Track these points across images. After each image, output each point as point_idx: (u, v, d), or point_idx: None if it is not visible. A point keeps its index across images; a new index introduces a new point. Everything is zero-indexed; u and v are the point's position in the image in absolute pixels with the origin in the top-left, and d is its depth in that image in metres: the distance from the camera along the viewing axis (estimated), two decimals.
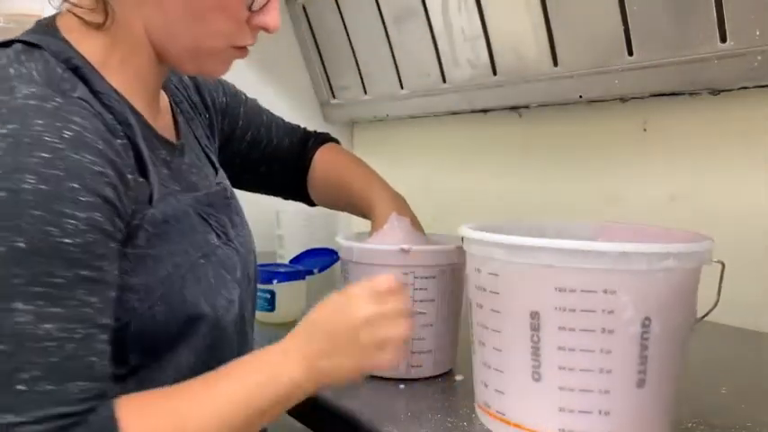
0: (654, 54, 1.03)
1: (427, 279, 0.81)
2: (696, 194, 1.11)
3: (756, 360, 0.95)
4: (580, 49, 1.12)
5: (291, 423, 0.85)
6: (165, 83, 0.77)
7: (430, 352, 0.82)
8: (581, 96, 1.16)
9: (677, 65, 1.01)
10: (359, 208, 0.95)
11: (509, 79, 1.26)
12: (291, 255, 1.36)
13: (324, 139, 1.04)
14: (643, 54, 1.04)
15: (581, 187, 1.26)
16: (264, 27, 0.68)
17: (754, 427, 0.69)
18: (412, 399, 0.76)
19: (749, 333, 1.04)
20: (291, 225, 1.46)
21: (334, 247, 1.26)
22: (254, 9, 0.66)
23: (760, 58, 0.92)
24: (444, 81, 1.39)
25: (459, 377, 0.84)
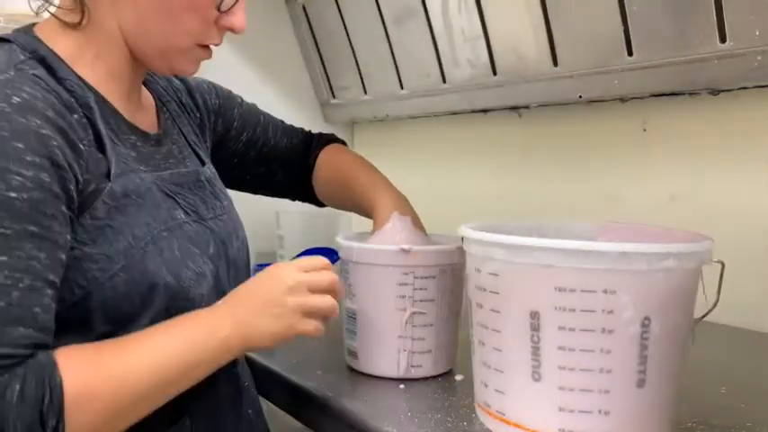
0: (654, 54, 1.03)
1: (427, 279, 0.81)
2: (696, 194, 1.11)
3: (756, 360, 0.95)
4: (580, 49, 1.12)
5: (292, 423, 0.85)
6: (152, 86, 0.84)
7: (430, 352, 0.82)
8: (581, 96, 1.16)
9: (677, 65, 1.01)
10: (362, 207, 0.95)
11: (509, 79, 1.26)
12: (291, 255, 1.36)
13: (329, 140, 1.04)
14: (643, 54, 1.04)
15: (581, 187, 1.26)
16: (231, 27, 0.73)
17: (754, 427, 0.69)
18: (412, 399, 0.76)
19: (749, 333, 1.03)
20: (291, 225, 1.46)
21: (335, 247, 1.26)
22: (223, 9, 0.71)
23: (760, 58, 0.92)
24: (444, 81, 1.38)
25: (459, 377, 0.84)
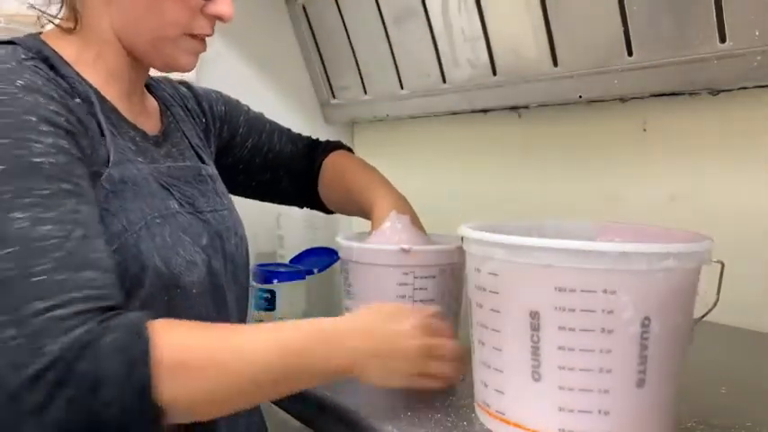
0: (653, 54, 1.03)
1: (427, 279, 0.81)
2: (696, 194, 1.11)
3: (756, 360, 0.95)
4: (580, 50, 1.12)
5: (292, 422, 0.85)
6: (158, 92, 0.86)
7: None
8: (581, 96, 1.16)
9: (677, 65, 1.01)
10: (361, 207, 0.95)
11: (509, 79, 1.26)
12: (292, 255, 1.36)
13: (335, 146, 1.05)
14: (643, 54, 1.04)
15: (581, 187, 1.26)
16: (218, 16, 0.74)
17: (754, 426, 0.69)
18: (412, 398, 0.76)
19: (749, 333, 1.03)
20: (292, 225, 1.46)
21: (335, 247, 1.26)
22: None
23: (760, 58, 0.92)
24: (444, 81, 1.38)
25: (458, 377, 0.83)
